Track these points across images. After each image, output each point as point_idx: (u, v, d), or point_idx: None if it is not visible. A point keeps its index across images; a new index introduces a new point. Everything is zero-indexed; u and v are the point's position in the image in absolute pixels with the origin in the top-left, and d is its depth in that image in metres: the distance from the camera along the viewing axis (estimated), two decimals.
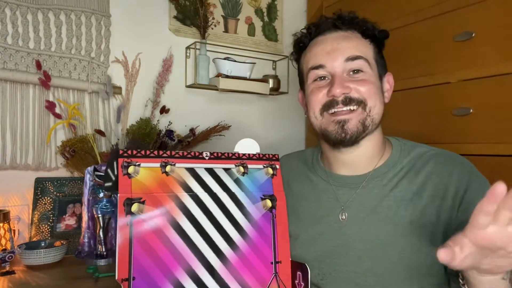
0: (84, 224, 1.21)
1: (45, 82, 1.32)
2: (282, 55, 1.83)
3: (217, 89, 1.63)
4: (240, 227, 0.71)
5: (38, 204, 1.31)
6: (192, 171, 0.71)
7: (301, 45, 0.88)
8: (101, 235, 1.19)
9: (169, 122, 1.54)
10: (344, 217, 0.83)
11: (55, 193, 1.34)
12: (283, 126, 1.92)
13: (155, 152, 0.70)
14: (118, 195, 0.63)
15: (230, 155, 0.77)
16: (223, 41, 1.73)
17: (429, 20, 1.33)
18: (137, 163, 0.67)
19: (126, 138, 1.45)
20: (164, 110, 1.54)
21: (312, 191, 0.90)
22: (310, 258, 0.82)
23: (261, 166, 0.78)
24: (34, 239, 1.27)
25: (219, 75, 1.62)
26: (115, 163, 0.67)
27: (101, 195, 1.18)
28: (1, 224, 1.17)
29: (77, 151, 1.32)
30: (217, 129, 1.62)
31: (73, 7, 1.40)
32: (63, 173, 1.39)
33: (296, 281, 0.73)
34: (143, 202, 0.65)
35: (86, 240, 1.21)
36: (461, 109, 1.22)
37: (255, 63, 1.71)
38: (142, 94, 1.55)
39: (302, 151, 1.06)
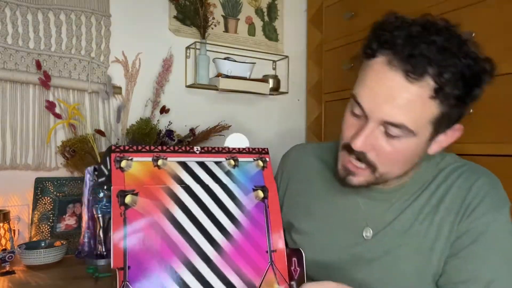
0: (84, 224, 1.21)
1: (45, 82, 1.32)
2: (282, 55, 1.83)
3: (217, 89, 1.63)
4: (233, 217, 0.72)
5: (38, 204, 1.31)
6: (183, 165, 0.73)
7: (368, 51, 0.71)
8: (101, 235, 1.19)
9: (169, 122, 1.54)
10: (365, 232, 0.81)
11: (55, 193, 1.34)
12: (283, 126, 1.91)
13: (147, 147, 0.71)
14: (112, 187, 0.65)
15: (221, 149, 0.78)
16: (223, 41, 1.73)
17: None
18: (129, 158, 0.69)
19: (126, 138, 1.45)
20: (164, 110, 1.54)
21: (330, 191, 0.87)
22: (321, 260, 0.83)
23: (251, 159, 0.79)
24: (34, 239, 1.27)
25: (219, 75, 1.62)
26: (108, 158, 0.69)
27: (101, 195, 1.18)
28: (1, 224, 1.17)
29: (77, 151, 1.32)
30: (217, 129, 1.62)
31: (73, 7, 1.41)
32: (63, 173, 1.40)
33: (292, 268, 0.73)
34: (136, 194, 0.66)
35: (86, 240, 1.21)
36: None
37: (255, 63, 1.71)
38: (142, 94, 1.55)
39: (320, 145, 0.99)
